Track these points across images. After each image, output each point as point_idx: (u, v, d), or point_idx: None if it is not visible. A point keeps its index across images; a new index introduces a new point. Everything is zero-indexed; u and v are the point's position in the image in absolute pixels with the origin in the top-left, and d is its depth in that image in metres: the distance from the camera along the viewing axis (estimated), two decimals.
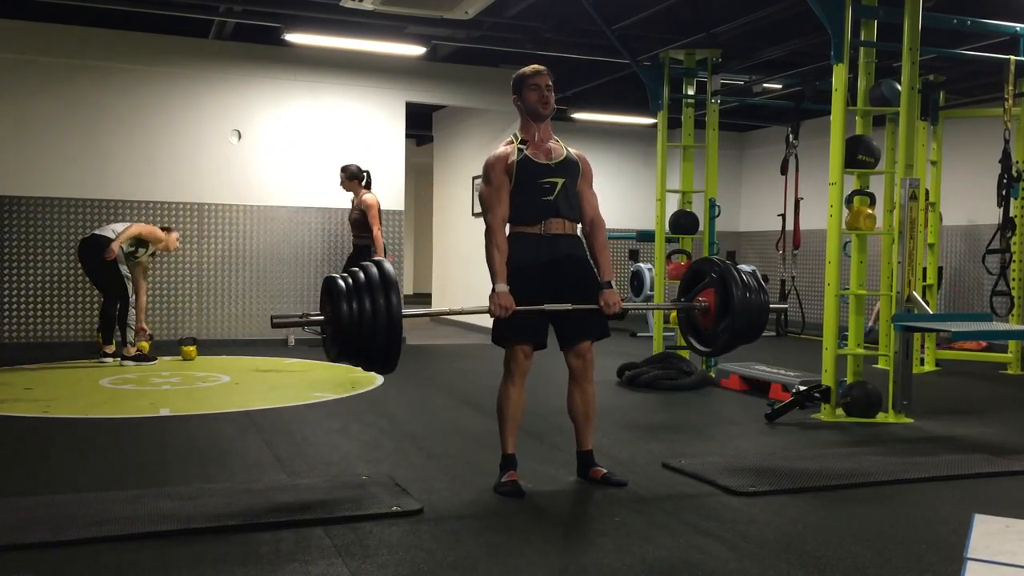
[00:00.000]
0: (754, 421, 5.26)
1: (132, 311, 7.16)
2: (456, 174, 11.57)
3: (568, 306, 3.71)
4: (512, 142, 3.83)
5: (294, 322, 3.45)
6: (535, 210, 3.70)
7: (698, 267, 4.12)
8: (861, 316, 5.77)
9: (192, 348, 7.50)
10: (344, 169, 8.03)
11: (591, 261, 3.82)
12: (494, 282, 3.63)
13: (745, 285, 3.85)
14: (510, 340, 3.67)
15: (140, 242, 7.28)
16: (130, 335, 7.14)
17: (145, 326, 7.45)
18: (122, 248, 7.10)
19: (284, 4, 7.61)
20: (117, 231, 7.12)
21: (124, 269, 7.08)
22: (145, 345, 7.37)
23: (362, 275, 3.35)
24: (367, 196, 7.91)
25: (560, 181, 3.73)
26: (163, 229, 7.55)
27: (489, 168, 3.76)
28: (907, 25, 5.38)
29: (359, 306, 3.27)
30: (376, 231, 7.82)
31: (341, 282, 3.33)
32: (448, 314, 3.82)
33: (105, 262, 7.01)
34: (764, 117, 12.28)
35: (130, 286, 7.12)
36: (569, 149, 3.85)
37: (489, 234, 3.66)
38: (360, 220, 7.87)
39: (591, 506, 3.57)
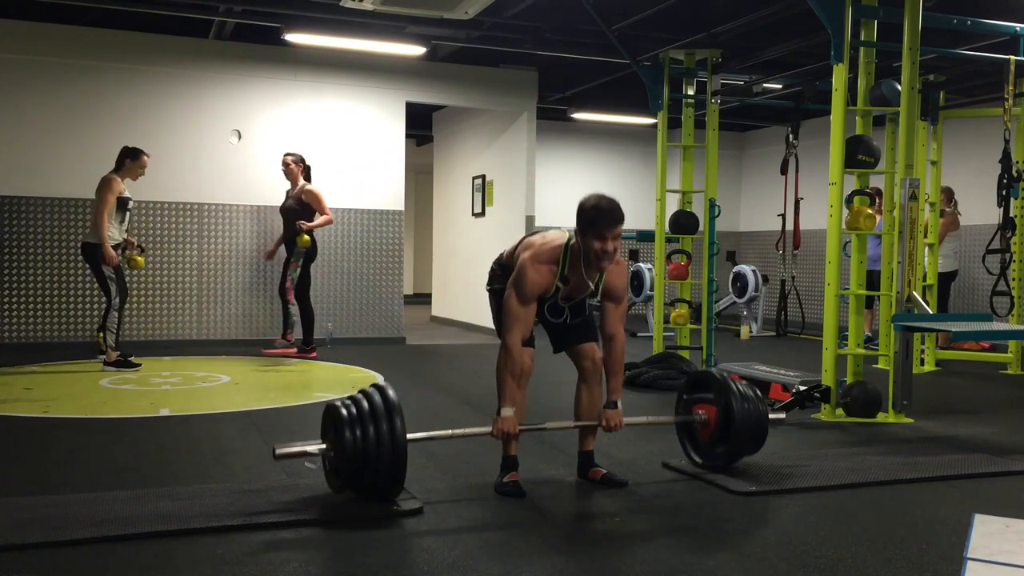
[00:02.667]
0: None
1: (114, 314, 6.84)
2: (456, 174, 11.57)
3: (570, 423, 3.77)
4: (558, 262, 3.54)
5: (296, 453, 3.38)
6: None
7: (699, 378, 4.07)
8: (861, 316, 5.76)
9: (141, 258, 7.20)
10: (292, 154, 8.00)
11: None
12: (501, 403, 3.53)
13: (744, 398, 3.81)
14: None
15: (120, 207, 6.89)
16: (111, 339, 6.86)
17: (132, 239, 7.10)
18: (118, 238, 6.86)
19: (284, 4, 7.61)
20: (98, 233, 6.74)
21: (108, 271, 6.81)
22: (140, 260, 7.10)
23: (365, 403, 3.34)
24: (312, 186, 7.96)
25: (569, 308, 3.70)
26: (122, 161, 6.98)
27: (527, 284, 3.49)
28: (907, 25, 5.37)
29: (363, 434, 3.25)
30: (325, 218, 7.89)
31: (344, 410, 3.32)
32: (451, 437, 3.72)
33: (92, 265, 6.85)
34: (764, 117, 12.29)
35: (114, 288, 6.83)
36: (605, 271, 3.58)
37: (505, 355, 3.49)
38: (297, 211, 7.84)
39: (591, 506, 3.57)
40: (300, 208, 7.81)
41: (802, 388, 5.43)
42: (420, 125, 12.04)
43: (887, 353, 5.91)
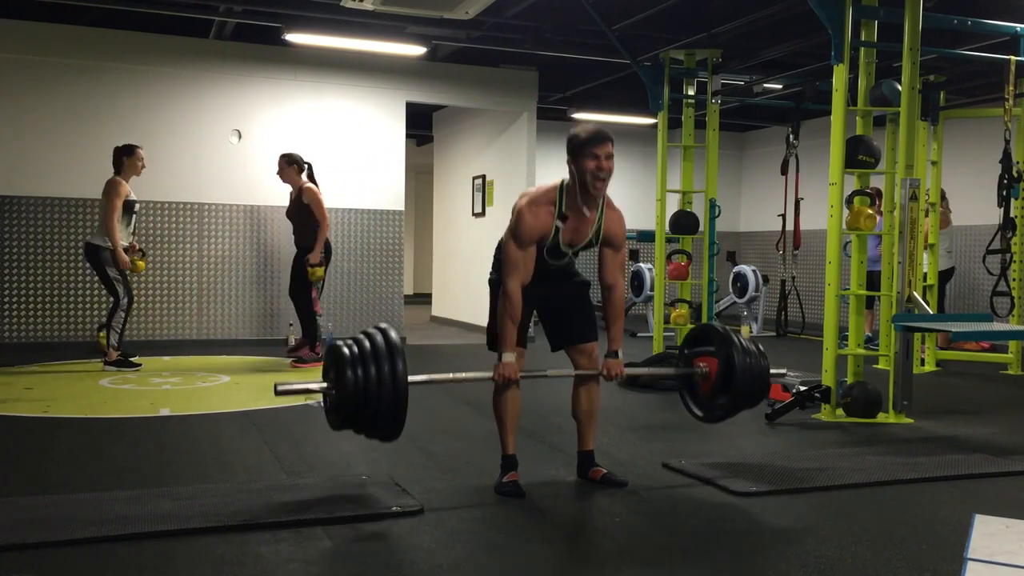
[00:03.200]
0: (754, 421, 5.25)
1: (120, 314, 6.85)
2: (456, 174, 11.57)
3: (570, 372, 3.75)
4: (555, 202, 3.56)
5: (298, 390, 3.40)
6: (536, 268, 3.61)
7: (702, 331, 4.07)
8: (861, 316, 5.76)
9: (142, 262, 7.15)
10: (286, 155, 7.53)
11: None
12: (502, 349, 3.54)
13: (746, 352, 3.80)
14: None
15: (127, 210, 6.90)
16: (113, 338, 6.87)
17: (135, 243, 7.07)
18: (127, 239, 6.87)
19: (284, 4, 7.61)
20: (107, 237, 6.75)
21: (113, 272, 6.81)
22: (140, 263, 7.04)
23: (367, 343, 3.33)
24: (311, 186, 7.40)
25: (572, 253, 3.68)
26: (119, 160, 6.94)
27: (525, 228, 3.51)
28: (907, 25, 5.37)
29: (364, 374, 3.25)
30: (324, 227, 7.29)
31: (346, 350, 3.32)
32: (452, 381, 3.73)
33: (96, 267, 6.85)
34: (764, 117, 12.29)
35: (121, 289, 6.84)
36: (603, 216, 3.61)
37: (505, 299, 3.51)
38: (300, 212, 7.37)
39: (591, 506, 3.57)
40: (302, 209, 7.49)
41: (802, 388, 5.43)
42: (420, 125, 12.04)
43: (887, 353, 5.91)
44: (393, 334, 3.37)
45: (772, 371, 3.95)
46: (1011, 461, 4.30)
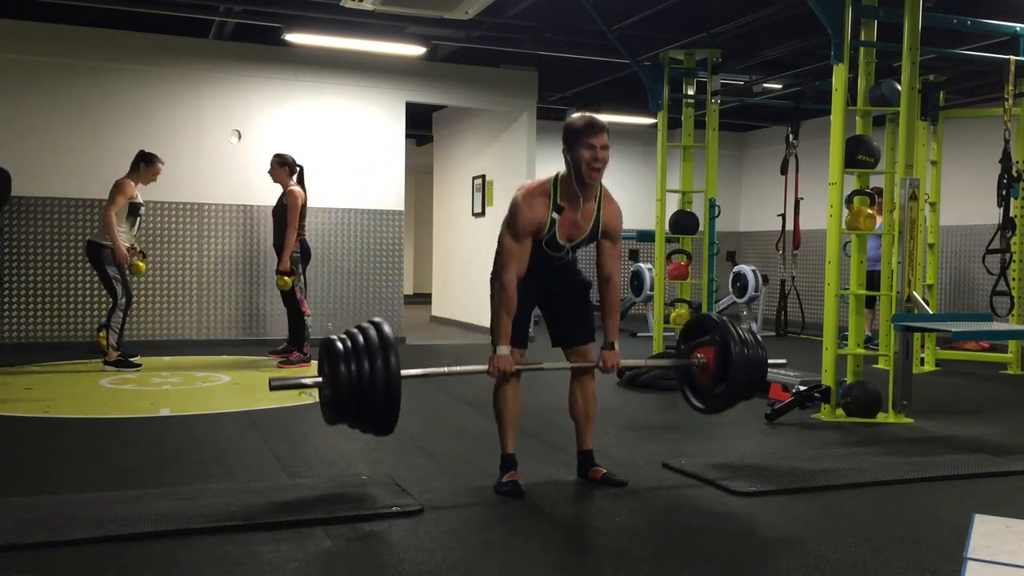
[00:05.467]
0: (754, 421, 5.25)
1: (119, 314, 6.84)
2: (456, 174, 11.57)
3: (568, 364, 3.75)
4: (550, 194, 3.57)
5: (292, 384, 3.45)
6: (536, 264, 3.62)
7: (698, 322, 4.06)
8: (861, 316, 5.77)
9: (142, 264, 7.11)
10: (278, 156, 7.50)
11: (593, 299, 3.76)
12: (496, 342, 3.54)
13: (743, 342, 3.80)
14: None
15: (131, 212, 6.90)
16: (112, 338, 6.86)
17: (136, 245, 7.06)
18: (129, 241, 6.86)
19: (284, 4, 7.61)
20: (110, 233, 6.75)
21: (113, 272, 6.82)
22: (141, 265, 7.02)
23: (360, 337, 3.34)
24: (295, 188, 7.34)
25: (571, 247, 3.68)
26: (136, 165, 6.99)
27: (521, 219, 3.51)
28: (907, 25, 5.37)
29: (357, 367, 3.25)
30: (291, 231, 7.18)
31: (339, 344, 3.33)
32: (447, 374, 3.73)
33: (97, 266, 6.86)
34: (764, 117, 12.28)
35: (120, 288, 6.84)
36: (601, 209, 3.63)
37: (501, 292, 3.51)
38: (281, 214, 7.36)
39: (591, 506, 3.57)
40: (283, 211, 7.42)
41: (802, 388, 5.43)
42: (420, 125, 12.04)
43: (887, 353, 5.91)
44: (387, 328, 3.37)
45: (771, 360, 3.96)
46: (1011, 461, 4.30)
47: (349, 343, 3.33)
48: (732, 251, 12.66)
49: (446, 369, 3.70)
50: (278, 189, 7.60)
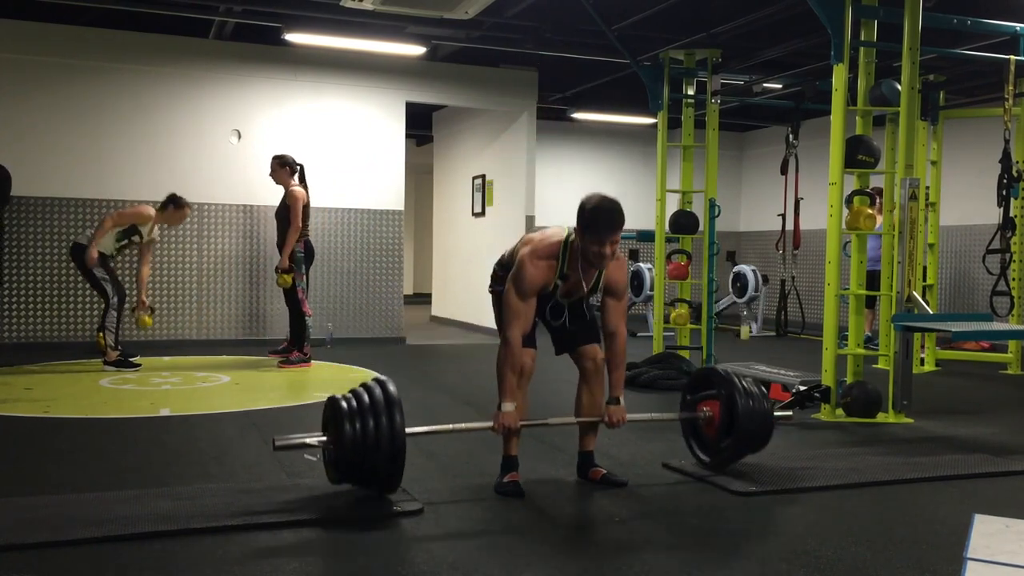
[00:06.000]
0: None
1: (112, 313, 6.85)
2: (456, 174, 11.57)
3: (572, 419, 3.75)
4: (558, 258, 3.55)
5: (297, 444, 3.39)
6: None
7: (703, 375, 4.05)
8: (861, 316, 5.77)
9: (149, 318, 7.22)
10: (278, 157, 7.51)
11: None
12: (501, 399, 3.52)
13: (748, 394, 3.79)
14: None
15: (127, 232, 6.94)
16: (110, 338, 6.87)
17: (145, 299, 7.17)
18: (108, 250, 6.87)
19: (284, 4, 7.61)
20: (92, 234, 6.79)
21: (100, 272, 6.81)
22: (148, 320, 7.12)
23: (366, 396, 3.34)
24: (295, 188, 7.35)
25: (568, 303, 3.69)
26: (166, 204, 7.10)
27: (527, 279, 3.49)
28: (907, 25, 5.37)
29: (362, 427, 3.25)
30: (293, 231, 7.19)
31: (344, 403, 3.33)
32: (451, 432, 3.72)
33: (81, 267, 6.85)
34: (764, 117, 12.29)
35: (110, 288, 6.84)
36: (604, 273, 3.59)
37: (507, 349, 3.48)
38: (284, 215, 7.35)
39: (591, 506, 3.57)
40: (285, 211, 7.43)
41: (802, 388, 5.43)
42: (420, 125, 12.04)
43: (887, 353, 5.91)
44: (391, 386, 3.37)
45: (777, 412, 3.96)
46: (1011, 461, 4.30)
47: (354, 402, 3.33)
48: (732, 251, 12.67)
49: (451, 427, 3.67)
50: (278, 189, 7.60)
